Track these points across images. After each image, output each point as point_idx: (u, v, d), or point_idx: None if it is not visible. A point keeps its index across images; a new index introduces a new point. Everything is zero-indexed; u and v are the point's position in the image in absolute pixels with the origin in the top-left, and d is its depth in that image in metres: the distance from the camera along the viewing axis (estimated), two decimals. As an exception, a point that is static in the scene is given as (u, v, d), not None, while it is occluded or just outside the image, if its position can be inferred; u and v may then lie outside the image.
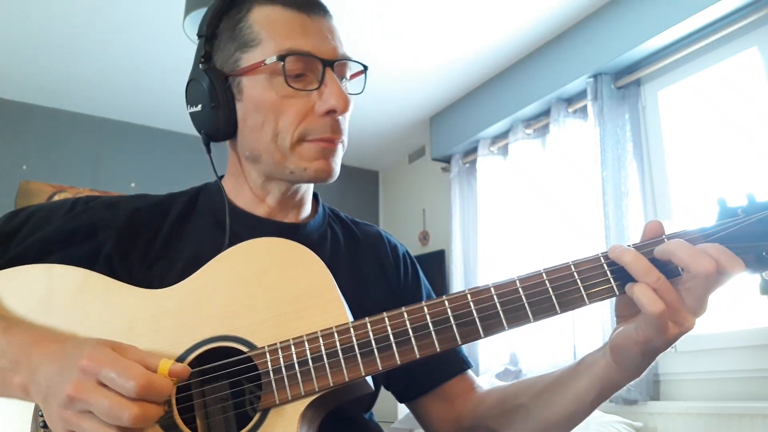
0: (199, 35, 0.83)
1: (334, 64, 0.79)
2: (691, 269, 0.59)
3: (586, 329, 2.51)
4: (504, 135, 3.26)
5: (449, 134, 3.57)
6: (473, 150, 3.45)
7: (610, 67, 2.63)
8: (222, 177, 0.91)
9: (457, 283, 3.31)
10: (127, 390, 0.56)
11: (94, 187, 3.48)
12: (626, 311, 0.67)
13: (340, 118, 0.80)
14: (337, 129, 0.80)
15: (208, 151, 0.85)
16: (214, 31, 0.82)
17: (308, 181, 0.83)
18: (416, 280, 0.97)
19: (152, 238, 0.82)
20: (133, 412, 0.56)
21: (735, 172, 2.25)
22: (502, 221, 3.12)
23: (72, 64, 3.11)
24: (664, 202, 2.49)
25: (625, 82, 2.63)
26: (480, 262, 3.21)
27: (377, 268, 0.92)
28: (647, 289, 0.60)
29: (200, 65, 0.81)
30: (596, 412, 2.23)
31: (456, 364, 0.91)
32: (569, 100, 2.89)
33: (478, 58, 3.09)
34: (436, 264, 3.74)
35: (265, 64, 0.77)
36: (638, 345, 0.62)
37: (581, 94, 2.81)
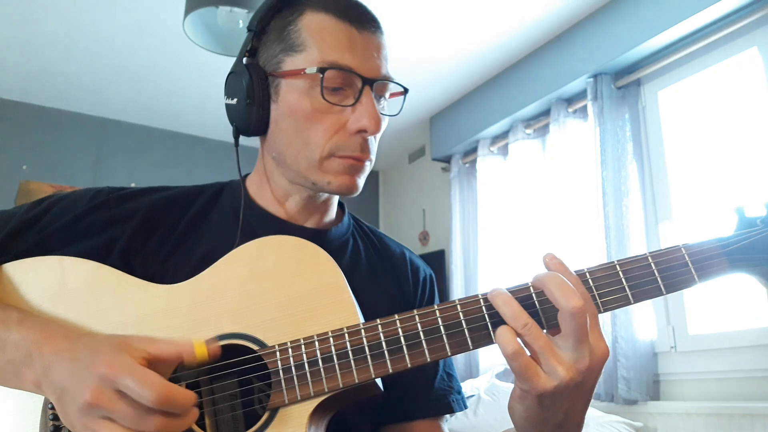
0: (249, 29, 0.82)
1: (374, 83, 0.78)
2: (560, 304, 0.58)
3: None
4: (504, 135, 3.26)
5: (449, 134, 3.57)
6: (473, 150, 3.45)
7: (610, 67, 2.63)
8: (248, 175, 0.91)
9: (457, 283, 3.31)
10: (145, 399, 0.56)
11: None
12: None
13: (370, 138, 0.79)
14: (366, 149, 0.79)
15: (236, 144, 0.85)
16: (264, 27, 0.81)
17: (330, 193, 0.82)
18: (431, 304, 0.95)
19: (169, 231, 0.81)
20: (152, 422, 0.56)
21: (735, 172, 2.26)
22: (502, 221, 3.13)
23: (72, 64, 3.10)
24: (664, 202, 2.49)
25: (625, 82, 2.63)
26: (480, 262, 3.22)
27: (394, 285, 0.91)
28: (506, 331, 0.60)
29: (244, 59, 0.81)
30: (596, 412, 2.24)
31: (435, 407, 0.86)
32: (569, 100, 2.90)
33: (478, 58, 3.10)
34: (436, 264, 3.74)
35: (305, 73, 0.76)
36: (516, 402, 0.62)
37: (581, 94, 2.82)
